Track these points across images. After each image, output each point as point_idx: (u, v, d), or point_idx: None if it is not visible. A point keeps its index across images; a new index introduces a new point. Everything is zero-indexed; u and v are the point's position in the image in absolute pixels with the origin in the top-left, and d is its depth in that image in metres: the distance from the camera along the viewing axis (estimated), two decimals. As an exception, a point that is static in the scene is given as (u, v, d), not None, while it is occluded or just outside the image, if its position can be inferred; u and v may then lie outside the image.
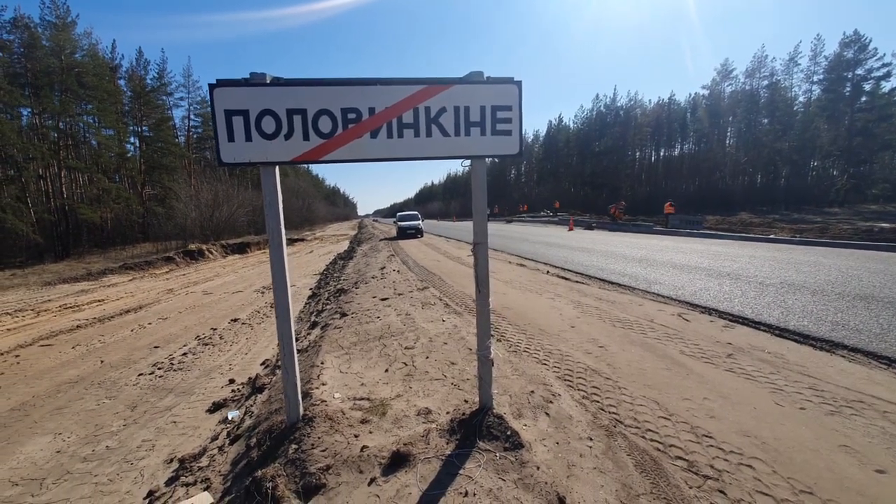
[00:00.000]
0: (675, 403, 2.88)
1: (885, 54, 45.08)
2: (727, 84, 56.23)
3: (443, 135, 2.34)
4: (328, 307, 7.12)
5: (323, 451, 2.32)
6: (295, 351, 2.55)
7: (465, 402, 2.94)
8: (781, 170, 50.38)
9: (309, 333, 5.87)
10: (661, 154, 64.91)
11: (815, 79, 49.91)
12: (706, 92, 58.21)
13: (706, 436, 2.47)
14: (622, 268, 8.86)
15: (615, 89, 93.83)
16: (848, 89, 46.48)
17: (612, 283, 7.33)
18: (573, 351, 3.98)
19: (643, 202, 45.21)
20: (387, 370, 3.69)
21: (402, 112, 2.29)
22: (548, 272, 8.72)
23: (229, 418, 3.63)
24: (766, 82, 52.39)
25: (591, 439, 2.45)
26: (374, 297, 6.87)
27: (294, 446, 2.40)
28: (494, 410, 2.62)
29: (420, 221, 23.95)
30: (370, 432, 2.56)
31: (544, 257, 11.24)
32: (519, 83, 2.38)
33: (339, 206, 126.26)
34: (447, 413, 2.73)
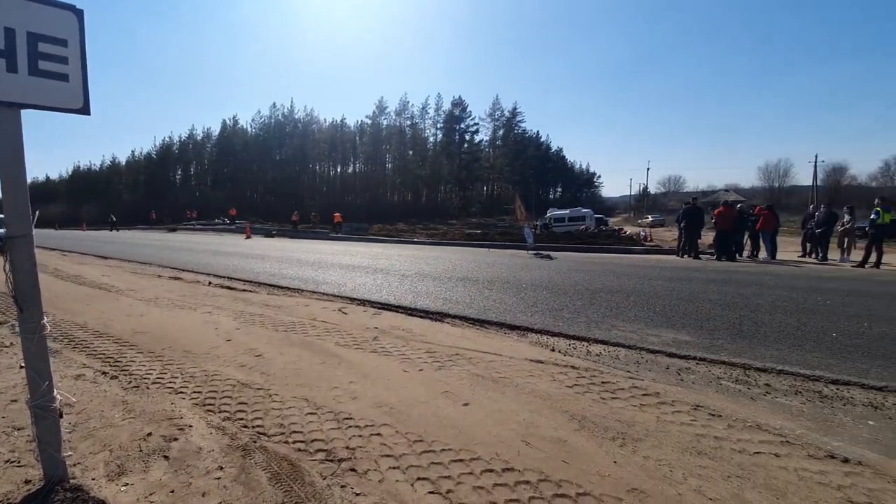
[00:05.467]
0: (324, 395, 2.90)
1: (476, 116, 67.92)
2: (383, 118, 68.45)
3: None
4: None
5: None
6: None
7: (27, 482, 1.93)
8: (422, 191, 65.95)
9: None
10: (339, 170, 71.42)
11: (439, 125, 68.63)
12: (369, 121, 68.55)
13: (347, 418, 2.56)
14: (295, 272, 8.82)
15: (292, 101, 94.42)
16: (457, 136, 66.88)
17: (282, 287, 7.11)
18: (223, 367, 3.45)
19: (325, 212, 47.91)
20: None
21: None
22: (209, 283, 7.56)
23: None
24: (409, 122, 67.55)
25: (221, 468, 2.06)
26: None
27: None
28: (72, 481, 1.82)
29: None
30: None
31: (209, 267, 9.78)
32: (80, 13, 1.70)
33: None
34: (-28, 516, 1.69)
